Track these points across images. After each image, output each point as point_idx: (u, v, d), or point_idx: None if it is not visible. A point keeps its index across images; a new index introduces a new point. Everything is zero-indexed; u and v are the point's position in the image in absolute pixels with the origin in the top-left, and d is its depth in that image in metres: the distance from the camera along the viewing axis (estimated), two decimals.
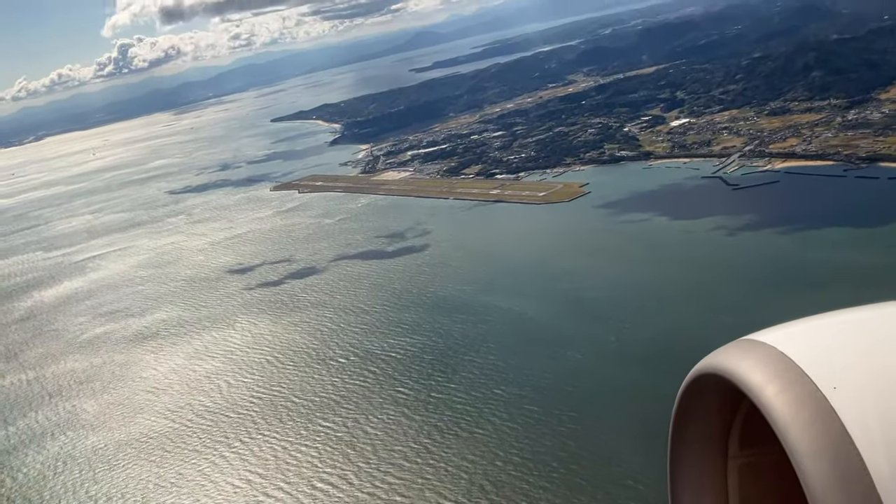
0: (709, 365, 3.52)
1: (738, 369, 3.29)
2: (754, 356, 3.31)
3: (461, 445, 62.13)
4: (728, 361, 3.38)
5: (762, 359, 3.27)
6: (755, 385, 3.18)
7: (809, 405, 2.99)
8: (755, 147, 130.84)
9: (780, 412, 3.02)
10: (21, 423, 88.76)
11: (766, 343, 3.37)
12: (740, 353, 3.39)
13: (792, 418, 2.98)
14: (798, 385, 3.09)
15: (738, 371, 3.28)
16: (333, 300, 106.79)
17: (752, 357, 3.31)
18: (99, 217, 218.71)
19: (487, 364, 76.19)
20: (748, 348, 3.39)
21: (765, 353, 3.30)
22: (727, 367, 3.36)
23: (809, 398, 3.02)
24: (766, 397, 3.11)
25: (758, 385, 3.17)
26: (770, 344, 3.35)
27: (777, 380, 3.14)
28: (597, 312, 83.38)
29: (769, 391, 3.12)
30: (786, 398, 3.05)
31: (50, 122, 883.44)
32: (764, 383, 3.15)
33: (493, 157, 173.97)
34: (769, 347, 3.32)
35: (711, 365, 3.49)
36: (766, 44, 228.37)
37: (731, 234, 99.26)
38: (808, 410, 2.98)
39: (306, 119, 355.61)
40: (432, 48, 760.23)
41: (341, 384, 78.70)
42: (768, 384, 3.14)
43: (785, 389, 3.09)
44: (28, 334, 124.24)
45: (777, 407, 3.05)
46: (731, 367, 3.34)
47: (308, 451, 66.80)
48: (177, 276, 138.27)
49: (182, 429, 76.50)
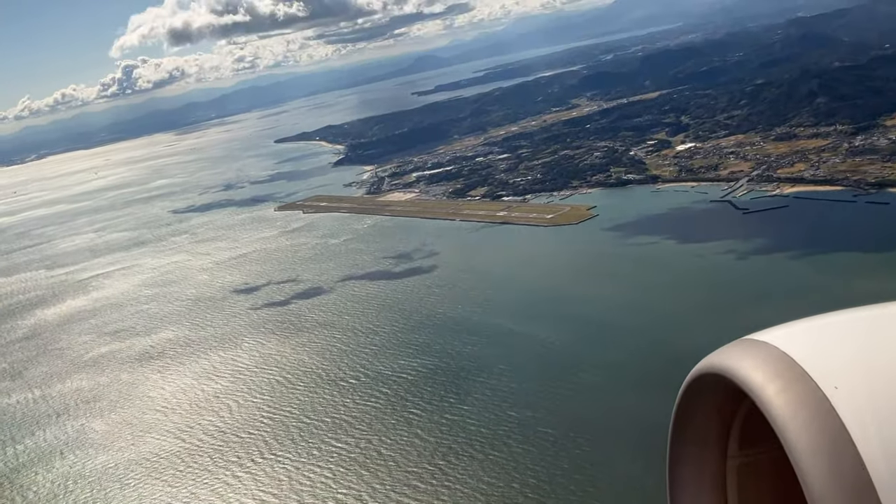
0: (710, 364, 3.49)
1: (738, 368, 3.27)
2: (755, 355, 3.28)
3: (476, 468, 61.55)
4: (729, 361, 3.35)
5: (763, 358, 3.25)
6: (756, 384, 3.16)
7: (810, 405, 2.98)
8: (763, 172, 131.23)
9: (781, 411, 3.01)
10: (29, 442, 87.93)
11: (767, 342, 3.34)
12: (741, 352, 3.36)
13: (792, 417, 2.97)
14: (799, 384, 3.07)
15: (739, 370, 3.26)
16: (341, 320, 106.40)
17: (753, 356, 3.28)
18: (102, 236, 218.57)
19: (500, 386, 75.71)
20: (749, 347, 3.36)
21: (766, 353, 3.27)
22: (728, 366, 3.34)
23: (810, 398, 3.01)
24: (766, 396, 3.09)
25: (758, 384, 3.15)
26: (771, 343, 3.33)
27: (778, 379, 3.12)
28: (610, 336, 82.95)
29: (770, 390, 3.10)
30: (786, 397, 3.04)
31: (52, 141, 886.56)
32: (764, 382, 3.14)
33: (498, 179, 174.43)
34: (770, 347, 3.30)
35: (712, 364, 3.47)
36: (769, 70, 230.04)
37: (742, 258, 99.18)
38: (808, 410, 2.97)
39: (310, 140, 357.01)
40: (434, 72, 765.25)
41: (352, 405, 78.13)
42: (769, 383, 3.13)
43: (785, 389, 3.07)
44: (32, 352, 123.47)
45: (777, 406, 3.03)
46: (731, 367, 3.31)
47: (321, 471, 66.15)
48: (182, 296, 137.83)
49: (193, 448, 75.79)
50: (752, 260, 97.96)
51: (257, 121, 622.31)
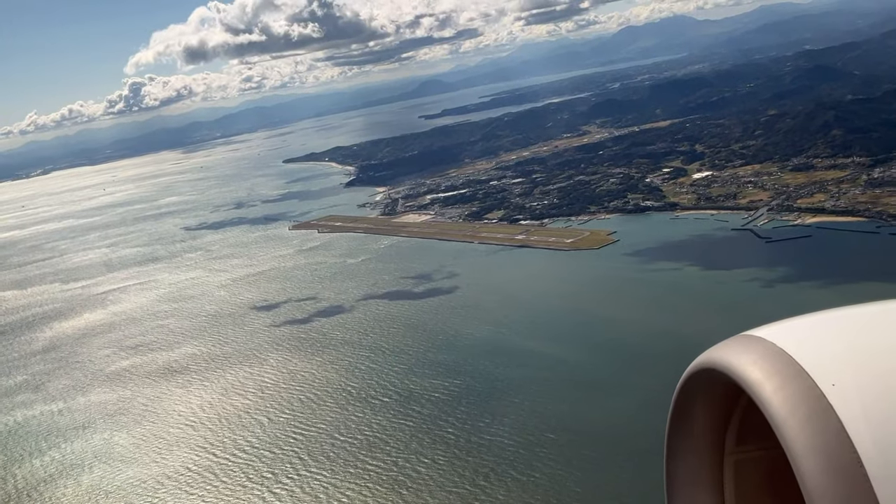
0: (708, 360, 3.50)
1: (736, 365, 3.28)
2: (753, 352, 3.29)
3: (520, 490, 61.44)
4: (727, 356, 3.37)
5: (761, 354, 3.25)
6: (753, 381, 3.16)
7: (807, 402, 2.98)
8: (783, 201, 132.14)
9: (778, 408, 3.00)
10: (55, 454, 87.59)
11: (765, 339, 3.36)
12: (739, 348, 3.37)
13: (789, 414, 2.96)
14: (796, 381, 3.07)
15: (737, 366, 3.27)
16: (366, 339, 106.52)
17: (751, 353, 3.29)
18: (116, 251, 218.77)
19: (535, 408, 75.75)
20: (747, 344, 3.38)
21: (764, 349, 3.28)
22: (726, 362, 3.35)
23: (807, 395, 3.00)
24: (764, 393, 3.09)
25: (756, 381, 3.15)
26: (769, 340, 3.34)
27: (775, 376, 3.12)
28: (640, 361, 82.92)
29: (767, 387, 3.10)
30: (784, 394, 3.03)
31: (56, 156, 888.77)
32: (762, 379, 3.14)
33: (515, 202, 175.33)
34: (768, 343, 3.31)
35: (710, 360, 3.48)
36: (781, 102, 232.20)
37: (767, 286, 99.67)
38: (805, 407, 2.96)
39: (319, 161, 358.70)
40: (439, 96, 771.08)
41: (386, 423, 78.12)
42: (767, 380, 3.12)
43: (783, 385, 3.07)
44: (52, 365, 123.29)
45: (775, 403, 3.02)
46: (729, 363, 3.33)
47: (360, 489, 66.06)
48: (200, 312, 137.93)
49: (225, 463, 75.62)
50: (778, 288, 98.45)
51: (264, 140, 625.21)
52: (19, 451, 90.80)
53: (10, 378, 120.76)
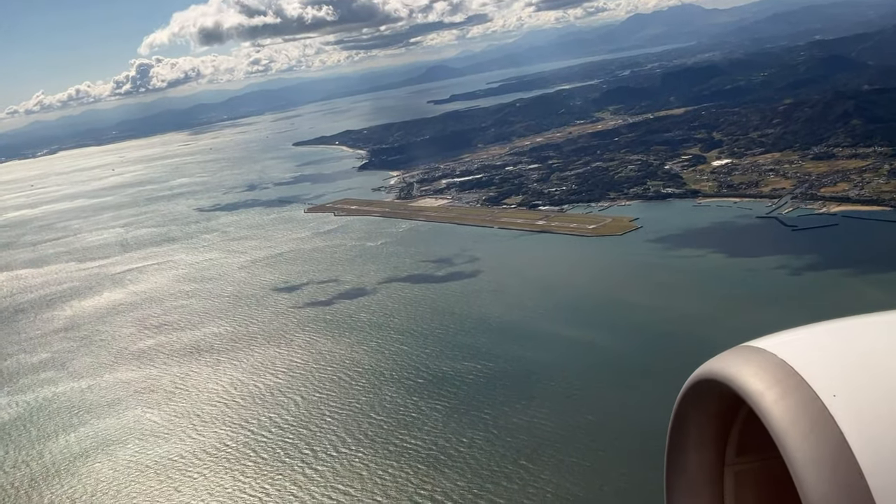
0: (708, 371, 3.51)
1: (737, 375, 3.29)
2: (754, 363, 3.30)
3: (564, 471, 61.72)
4: (728, 367, 3.38)
5: (762, 365, 3.26)
6: (754, 391, 3.17)
7: (808, 413, 2.97)
8: (806, 190, 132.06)
9: (779, 419, 3.00)
10: (86, 430, 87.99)
11: (765, 350, 3.36)
12: (740, 359, 3.38)
13: (790, 425, 2.96)
14: (797, 392, 3.07)
15: (738, 377, 3.28)
16: (392, 322, 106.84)
17: (752, 363, 3.30)
18: (130, 231, 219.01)
19: (571, 391, 76.03)
20: (748, 355, 3.39)
21: (764, 360, 3.29)
22: (727, 373, 3.36)
23: (809, 406, 3.00)
24: (764, 404, 3.09)
25: (757, 392, 3.16)
26: (770, 351, 3.34)
27: (776, 387, 3.12)
28: (671, 345, 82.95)
29: (768, 398, 3.10)
30: (785, 405, 3.03)
31: (61, 136, 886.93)
32: (763, 390, 3.14)
33: (532, 188, 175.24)
34: (769, 354, 3.32)
35: (711, 371, 3.49)
36: (797, 91, 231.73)
37: (795, 274, 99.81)
38: (806, 418, 2.96)
39: (329, 144, 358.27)
40: (447, 82, 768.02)
41: (421, 404, 78.53)
42: (767, 391, 3.13)
43: (784, 396, 3.07)
44: (75, 343, 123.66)
45: (776, 414, 3.02)
46: (730, 373, 3.33)
47: (400, 466, 66.51)
48: (221, 293, 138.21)
49: (263, 440, 76.10)
50: (807, 276, 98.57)
51: (271, 123, 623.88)
52: (51, 426, 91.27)
53: (34, 355, 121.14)
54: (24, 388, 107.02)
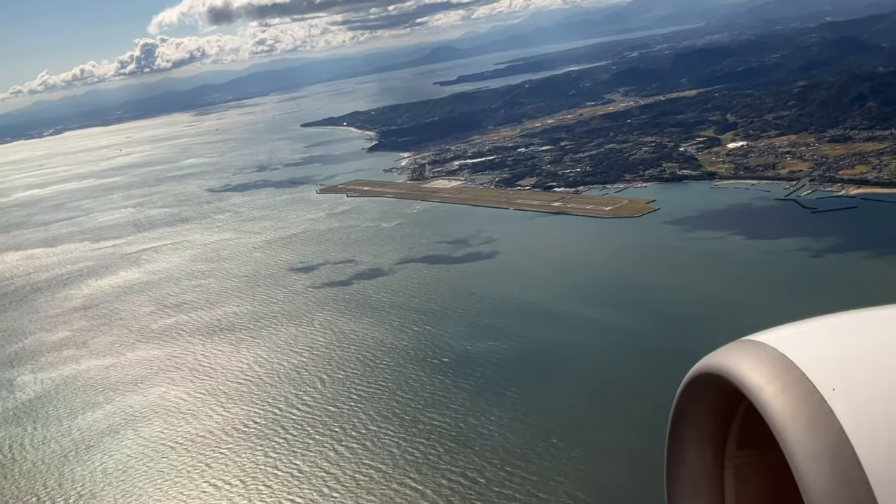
0: (708, 365, 3.53)
1: (737, 369, 3.31)
2: (754, 356, 3.32)
3: (595, 452, 62.25)
4: (727, 361, 3.40)
5: (761, 359, 3.28)
6: (754, 385, 3.19)
7: (808, 407, 3.00)
8: (823, 172, 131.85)
9: (779, 413, 3.03)
10: (111, 407, 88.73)
11: (765, 344, 3.38)
12: (740, 353, 3.40)
13: (790, 419, 2.99)
14: (797, 386, 3.10)
15: (738, 371, 3.30)
16: (412, 302, 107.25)
17: (752, 357, 3.32)
18: (142, 211, 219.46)
19: (597, 373, 76.36)
20: (748, 349, 3.41)
21: (764, 354, 3.31)
22: (726, 367, 3.38)
23: (808, 400, 3.03)
24: (764, 398, 3.12)
25: (757, 385, 3.18)
26: (770, 345, 3.36)
27: (776, 381, 3.14)
28: (695, 327, 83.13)
29: (768, 392, 3.12)
30: (784, 399, 3.06)
31: (65, 116, 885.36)
32: (763, 384, 3.16)
33: (546, 170, 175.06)
34: (769, 348, 3.34)
35: (711, 365, 3.50)
36: (810, 73, 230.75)
37: (816, 256, 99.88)
38: (806, 412, 2.99)
39: (337, 125, 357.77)
40: (452, 63, 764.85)
41: (447, 383, 79.09)
42: (767, 385, 3.15)
43: (784, 390, 3.09)
44: (94, 322, 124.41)
45: (775, 408, 3.05)
46: (730, 367, 3.35)
47: (430, 444, 67.13)
48: (238, 273, 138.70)
49: (290, 418, 76.77)
50: (828, 258, 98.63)
51: (277, 104, 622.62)
52: (77, 403, 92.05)
53: (54, 333, 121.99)
54: (47, 365, 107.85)
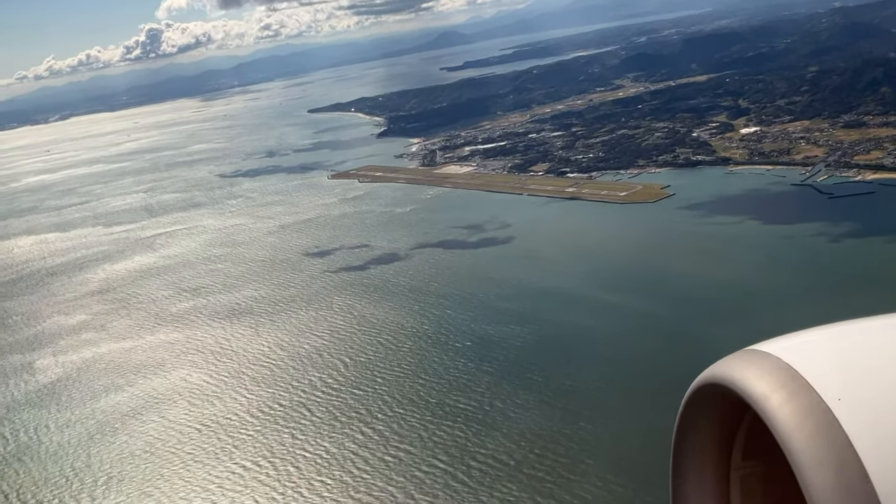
0: (713, 375, 3.53)
1: (742, 379, 3.30)
2: (758, 366, 3.31)
3: (628, 434, 62.55)
4: (732, 371, 3.39)
5: (766, 369, 3.27)
6: (759, 395, 3.18)
7: (813, 416, 2.99)
8: (839, 158, 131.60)
9: (784, 423, 3.02)
10: (133, 390, 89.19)
11: (770, 353, 3.38)
12: (744, 363, 3.39)
13: (796, 429, 2.98)
14: (802, 396, 3.09)
15: (742, 381, 3.29)
16: (431, 286, 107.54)
17: (757, 367, 3.31)
18: (154, 196, 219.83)
19: (620, 357, 76.44)
20: (752, 358, 3.40)
21: (769, 364, 3.30)
22: (731, 377, 3.37)
23: (813, 409, 3.02)
24: (769, 408, 3.11)
25: (762, 395, 3.17)
26: (774, 354, 3.36)
27: (781, 390, 3.14)
28: (715, 313, 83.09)
29: (773, 402, 3.12)
30: (790, 409, 3.05)
31: (70, 102, 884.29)
32: (768, 394, 3.16)
33: (558, 156, 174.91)
34: (773, 358, 3.33)
35: (715, 375, 3.50)
36: (821, 59, 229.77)
37: (834, 241, 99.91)
38: (812, 421, 2.98)
39: (344, 111, 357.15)
40: (458, 48, 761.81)
41: (470, 366, 79.45)
42: (772, 394, 3.14)
43: (789, 400, 3.08)
44: (112, 305, 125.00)
45: (781, 418, 3.04)
46: (735, 377, 3.35)
47: (456, 427, 67.63)
48: (253, 257, 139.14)
49: (315, 401, 77.29)
50: (846, 243, 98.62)
51: (283, 90, 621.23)
52: (98, 386, 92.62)
53: (72, 317, 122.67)
54: (67, 348, 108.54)
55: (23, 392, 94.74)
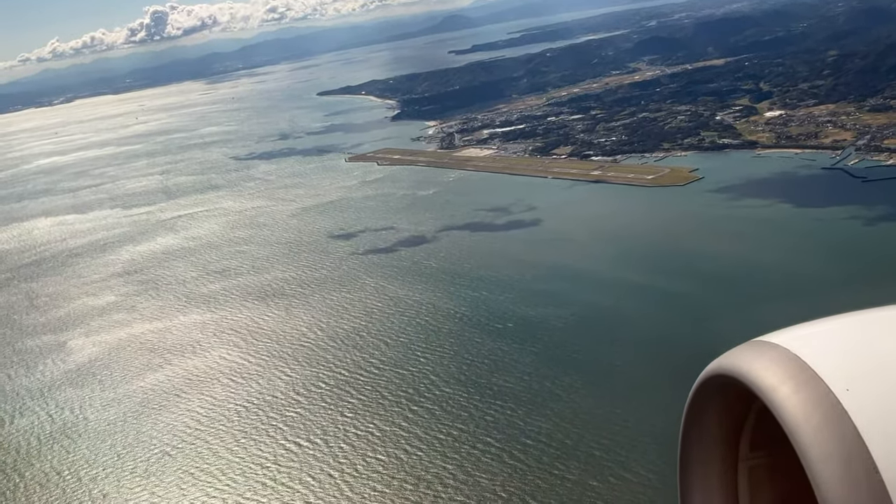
0: (721, 366, 3.53)
1: (750, 370, 3.30)
2: (766, 357, 3.31)
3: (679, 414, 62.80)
4: (740, 362, 3.39)
5: (774, 360, 3.27)
6: (767, 386, 3.18)
7: (822, 407, 2.99)
8: (868, 141, 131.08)
9: (792, 414, 3.02)
10: (173, 370, 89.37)
11: (778, 344, 3.37)
12: (752, 354, 3.39)
13: (804, 420, 2.98)
14: (810, 387, 3.08)
15: (750, 372, 3.29)
16: (462, 268, 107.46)
17: (765, 358, 3.31)
18: (170, 178, 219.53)
19: (661, 337, 76.48)
20: (760, 349, 3.40)
21: (777, 355, 3.30)
22: (739, 368, 3.37)
23: (822, 400, 3.02)
24: (777, 399, 3.11)
25: (770, 386, 3.17)
26: (782, 345, 3.35)
27: (789, 381, 3.14)
28: (754, 296, 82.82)
29: (781, 393, 3.12)
30: (798, 400, 3.05)
31: (74, 85, 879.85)
32: (776, 385, 3.15)
33: (580, 139, 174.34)
34: (781, 349, 3.33)
35: (723, 366, 3.50)
36: (840, 43, 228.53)
37: (869, 224, 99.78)
38: (820, 412, 2.98)
39: (355, 94, 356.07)
40: (465, 31, 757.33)
41: (512, 348, 79.54)
42: (780, 386, 3.14)
43: (797, 391, 3.08)
44: (139, 287, 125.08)
45: (789, 409, 3.04)
46: (743, 369, 3.35)
47: (503, 408, 67.74)
48: (279, 239, 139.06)
49: (357, 381, 77.38)
50: (881, 227, 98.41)
51: (290, 73, 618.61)
52: (136, 366, 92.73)
53: (100, 298, 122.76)
54: (98, 329, 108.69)
55: (61, 371, 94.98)
